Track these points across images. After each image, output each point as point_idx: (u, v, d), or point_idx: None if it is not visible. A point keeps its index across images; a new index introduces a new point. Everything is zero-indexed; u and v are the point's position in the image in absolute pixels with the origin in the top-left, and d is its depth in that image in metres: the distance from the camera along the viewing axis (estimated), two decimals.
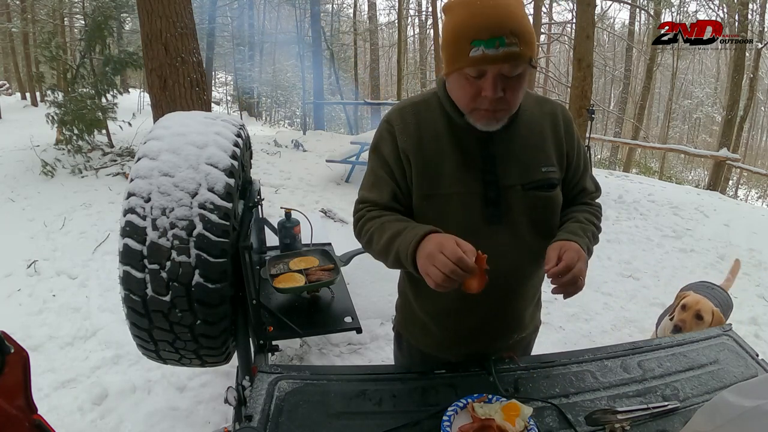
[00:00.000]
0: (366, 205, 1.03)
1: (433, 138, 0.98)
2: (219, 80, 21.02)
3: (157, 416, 2.02)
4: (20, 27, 14.43)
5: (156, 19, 4.33)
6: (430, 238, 0.87)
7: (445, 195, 0.98)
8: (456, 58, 0.85)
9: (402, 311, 1.23)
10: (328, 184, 5.40)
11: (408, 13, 19.79)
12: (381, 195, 1.01)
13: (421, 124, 0.99)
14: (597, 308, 3.15)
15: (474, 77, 0.86)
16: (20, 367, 0.85)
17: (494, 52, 0.81)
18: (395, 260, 0.93)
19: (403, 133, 0.99)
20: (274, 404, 0.94)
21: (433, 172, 0.98)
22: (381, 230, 0.96)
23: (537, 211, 1.00)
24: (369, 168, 1.06)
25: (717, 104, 17.52)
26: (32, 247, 3.54)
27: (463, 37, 0.83)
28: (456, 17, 0.85)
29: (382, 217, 0.99)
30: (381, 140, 1.02)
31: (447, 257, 0.80)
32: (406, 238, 0.90)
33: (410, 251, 0.87)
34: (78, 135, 5.39)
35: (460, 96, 0.92)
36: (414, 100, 1.04)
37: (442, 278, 0.81)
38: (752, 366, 1.12)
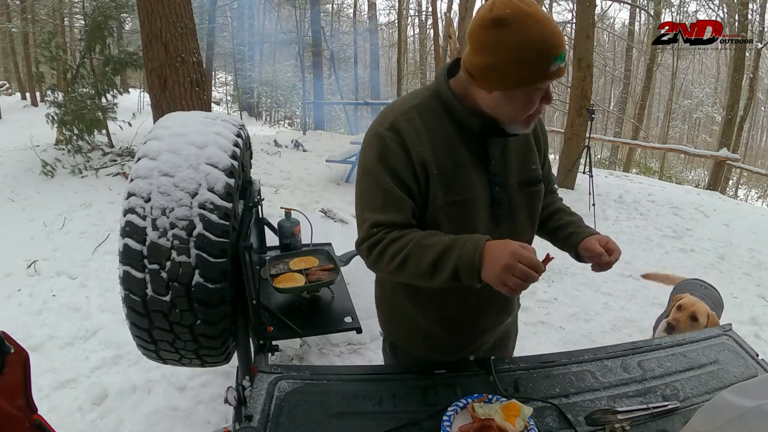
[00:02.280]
0: (383, 229, 0.94)
1: (444, 143, 0.96)
2: (219, 80, 21.01)
3: (157, 416, 2.02)
4: (20, 27, 14.43)
5: (156, 19, 4.33)
6: (492, 247, 0.86)
7: (461, 200, 0.97)
8: (535, 73, 0.84)
9: (396, 323, 1.19)
10: (328, 184, 5.40)
11: (408, 13, 19.80)
12: (400, 214, 0.94)
13: (430, 129, 0.95)
14: (597, 308, 3.15)
15: (539, 89, 0.88)
16: (20, 367, 0.85)
17: (562, 65, 0.85)
18: (450, 276, 0.88)
19: (417, 142, 0.94)
20: (274, 404, 0.94)
21: (450, 177, 0.96)
22: (419, 249, 0.90)
23: (531, 205, 1.07)
24: (372, 184, 0.95)
25: (717, 104, 17.52)
26: (32, 247, 3.54)
27: (545, 53, 0.83)
28: (526, 33, 0.82)
29: (408, 236, 0.92)
30: (387, 151, 0.94)
31: (527, 266, 0.81)
32: (464, 252, 0.87)
33: (475, 265, 0.85)
34: (78, 135, 5.39)
35: (517, 108, 0.90)
36: (412, 104, 0.97)
37: (520, 287, 0.82)
38: (752, 366, 1.12)
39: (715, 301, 2.15)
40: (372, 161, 0.95)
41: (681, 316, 1.89)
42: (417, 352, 1.17)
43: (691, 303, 1.90)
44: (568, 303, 3.18)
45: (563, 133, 6.14)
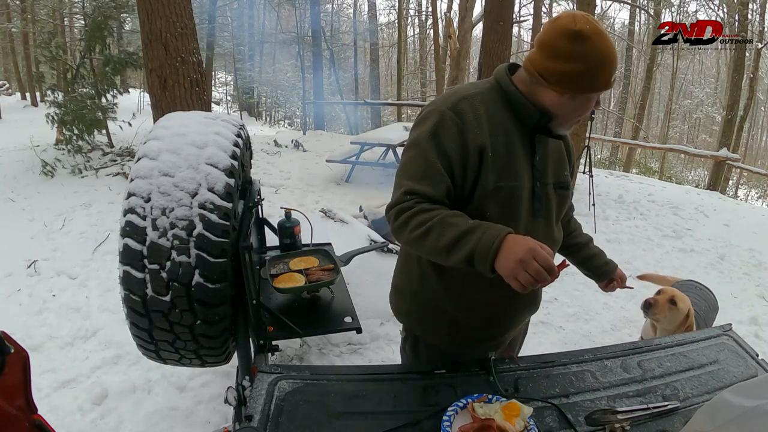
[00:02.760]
0: (415, 198, 0.97)
1: (501, 131, 1.02)
2: (219, 80, 21.00)
3: (157, 416, 2.02)
4: (20, 27, 14.41)
5: (156, 19, 4.33)
6: (512, 240, 0.88)
7: (510, 187, 1.03)
8: (602, 81, 0.98)
9: (421, 313, 1.19)
10: (328, 184, 5.41)
11: (408, 13, 19.78)
12: (435, 189, 0.97)
13: (493, 119, 1.02)
14: (597, 308, 3.15)
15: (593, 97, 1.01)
16: (20, 367, 0.85)
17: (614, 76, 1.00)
18: (465, 259, 0.90)
19: (475, 126, 0.99)
20: (274, 404, 0.94)
21: (501, 166, 1.01)
22: (442, 226, 0.92)
23: (561, 207, 1.16)
24: (418, 155, 1.00)
25: (717, 104, 17.51)
26: (32, 247, 3.54)
27: (612, 66, 0.97)
28: (600, 47, 0.95)
29: (436, 210, 0.95)
30: (442, 129, 0.99)
31: (540, 264, 0.84)
32: (483, 237, 0.89)
33: (492, 253, 0.87)
34: (78, 135, 5.39)
35: (577, 109, 1.02)
36: (474, 92, 1.04)
37: (530, 283, 0.85)
38: (752, 366, 1.12)
39: (708, 303, 2.14)
40: (424, 135, 1.00)
41: (660, 298, 1.87)
42: (440, 345, 1.18)
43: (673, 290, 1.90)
44: (568, 303, 3.18)
45: None
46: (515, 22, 10.13)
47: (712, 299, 2.20)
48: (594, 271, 1.33)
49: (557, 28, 0.95)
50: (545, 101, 1.01)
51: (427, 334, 1.20)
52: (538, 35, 1.00)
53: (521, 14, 14.07)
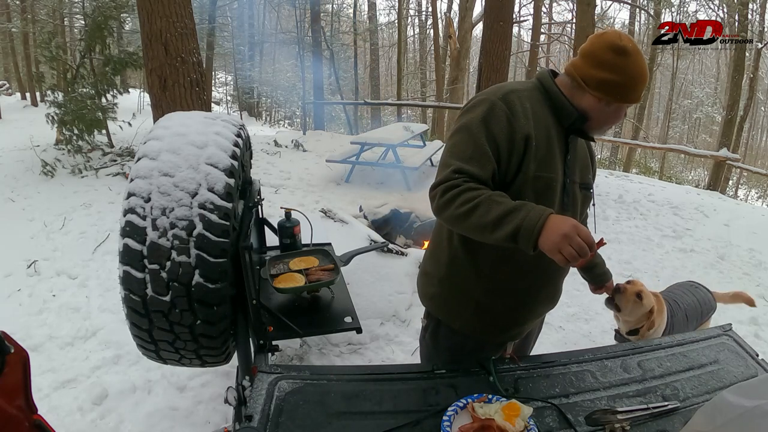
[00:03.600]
0: (463, 176, 1.04)
1: (544, 127, 1.11)
2: (219, 80, 21.00)
3: (157, 416, 2.02)
4: (20, 27, 14.41)
5: (156, 19, 4.33)
6: (555, 219, 0.95)
7: (548, 177, 1.11)
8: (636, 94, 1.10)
9: (448, 296, 1.24)
10: (328, 184, 5.40)
11: (408, 13, 19.77)
12: (482, 170, 1.05)
13: (536, 115, 1.11)
14: (597, 308, 3.14)
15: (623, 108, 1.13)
16: (20, 367, 0.84)
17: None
18: (510, 234, 0.96)
19: (522, 117, 1.08)
20: (274, 404, 0.94)
21: (543, 157, 1.10)
22: (489, 203, 0.98)
23: (584, 206, 1.26)
24: (468, 138, 1.07)
25: (717, 104, 17.50)
26: (32, 247, 3.54)
27: (644, 83, 1.10)
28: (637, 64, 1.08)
29: (483, 189, 1.01)
30: (492, 116, 1.07)
31: (583, 240, 0.92)
32: (529, 215, 0.95)
33: (537, 229, 0.94)
34: (78, 135, 5.38)
35: (609, 117, 1.14)
36: (520, 88, 1.14)
37: (573, 257, 0.92)
38: (752, 366, 1.12)
39: (701, 301, 2.15)
40: (475, 120, 1.08)
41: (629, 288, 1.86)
42: (461, 330, 1.22)
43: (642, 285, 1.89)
44: (568, 303, 3.18)
45: None
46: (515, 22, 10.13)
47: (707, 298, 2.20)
48: (593, 278, 1.56)
49: (604, 41, 1.08)
50: (583, 104, 1.12)
51: (450, 318, 1.24)
52: (584, 45, 1.12)
53: (521, 14, 14.08)
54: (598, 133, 1.20)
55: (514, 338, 1.28)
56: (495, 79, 5.16)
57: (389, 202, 4.27)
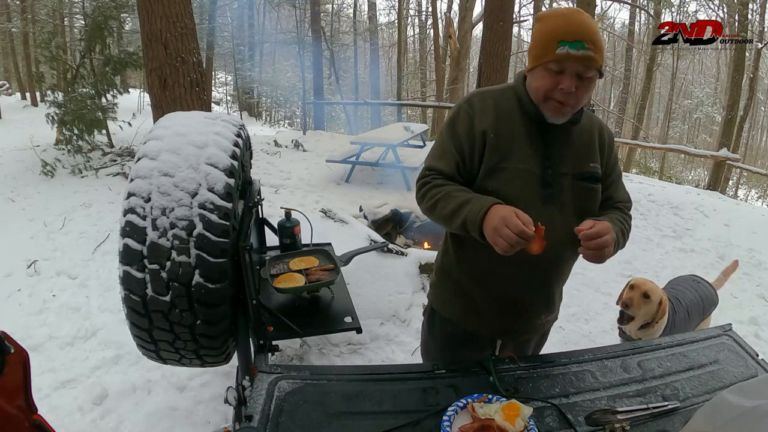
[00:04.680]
0: (432, 173, 1.16)
1: (507, 121, 1.14)
2: (219, 80, 20.99)
3: (157, 416, 2.02)
4: (20, 27, 14.41)
5: (156, 19, 4.33)
6: (494, 210, 1.01)
7: (510, 169, 1.11)
8: (544, 53, 1.05)
9: (442, 285, 1.31)
10: (328, 184, 5.40)
11: (408, 13, 19.76)
12: (447, 165, 1.15)
13: (498, 108, 1.15)
14: (597, 308, 3.15)
15: (555, 72, 1.05)
16: (20, 367, 0.84)
17: (575, 52, 1.02)
18: (461, 226, 1.06)
19: (481, 114, 1.14)
20: (274, 404, 0.94)
21: (504, 148, 1.12)
22: (447, 198, 1.09)
23: (582, 200, 1.16)
24: (439, 140, 1.20)
25: (717, 104, 17.50)
26: (32, 247, 3.54)
27: (553, 38, 1.03)
28: (550, 23, 1.06)
29: (447, 185, 1.12)
30: (457, 118, 1.16)
31: (511, 230, 0.95)
32: (473, 208, 1.03)
33: (477, 221, 1.02)
34: (78, 135, 5.38)
35: (540, 86, 1.08)
36: (492, 89, 1.20)
37: (507, 247, 0.97)
38: (752, 366, 1.12)
39: (702, 296, 2.16)
40: (445, 124, 1.20)
41: (634, 294, 1.94)
42: (453, 319, 1.27)
43: (643, 282, 1.97)
44: (568, 303, 3.17)
45: None
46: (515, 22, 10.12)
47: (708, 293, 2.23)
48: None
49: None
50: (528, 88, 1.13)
51: (443, 307, 1.31)
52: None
53: (521, 14, 14.07)
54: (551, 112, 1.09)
55: (505, 336, 1.28)
56: (495, 79, 5.16)
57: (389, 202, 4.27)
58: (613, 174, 1.24)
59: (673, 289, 2.21)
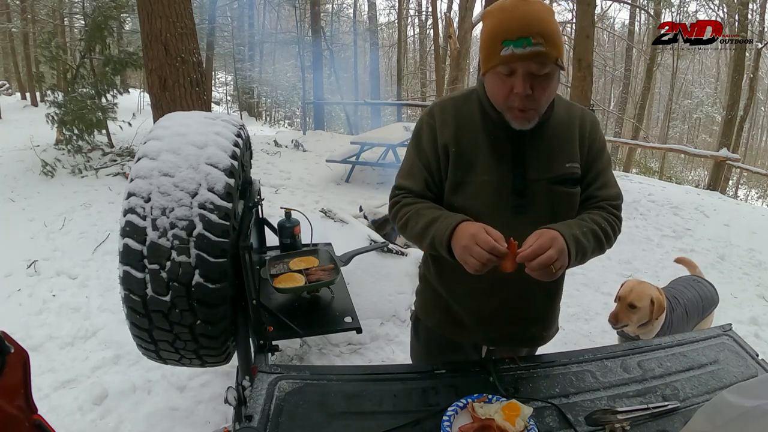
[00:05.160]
0: (402, 192, 1.12)
1: (469, 130, 1.06)
2: (219, 80, 21.00)
3: (157, 416, 2.02)
4: (20, 27, 14.42)
5: (156, 19, 4.33)
6: (462, 228, 0.95)
7: (476, 182, 1.05)
8: (489, 57, 0.95)
9: (423, 294, 1.28)
10: (328, 184, 5.41)
11: (408, 13, 19.78)
12: (415, 182, 1.10)
13: (460, 118, 1.07)
14: (597, 308, 3.15)
15: (506, 75, 0.95)
16: (20, 367, 0.85)
17: (522, 51, 0.91)
18: (430, 245, 1.02)
19: (442, 126, 1.07)
20: (274, 404, 0.94)
21: (468, 161, 1.05)
22: (416, 217, 1.05)
23: (559, 205, 1.06)
24: (407, 156, 1.14)
25: (717, 104, 17.51)
26: (32, 247, 3.54)
27: (497, 38, 0.93)
28: (492, 21, 0.95)
29: (417, 204, 1.07)
30: (421, 132, 1.10)
31: (482, 248, 0.90)
32: (440, 227, 0.99)
33: (445, 241, 0.97)
34: (78, 135, 5.39)
35: (494, 94, 1.00)
36: (454, 96, 1.12)
37: (478, 266, 0.91)
38: (752, 366, 1.11)
39: (702, 296, 2.16)
40: (411, 139, 1.14)
41: (619, 309, 1.94)
42: (437, 329, 1.24)
43: (629, 290, 1.95)
44: (568, 303, 3.18)
45: None
46: None
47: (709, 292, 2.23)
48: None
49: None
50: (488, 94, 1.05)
51: (425, 316, 1.27)
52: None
53: None
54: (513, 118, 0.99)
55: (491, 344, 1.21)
56: None
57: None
58: (594, 168, 1.09)
59: (672, 288, 2.21)
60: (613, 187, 1.12)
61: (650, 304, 1.89)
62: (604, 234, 1.03)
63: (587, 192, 1.09)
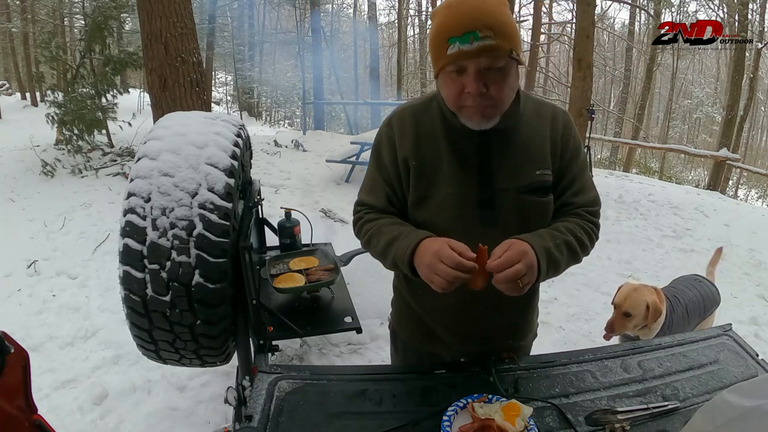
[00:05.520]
0: (364, 208, 1.07)
1: (430, 140, 0.99)
2: (219, 80, 21.01)
3: (157, 416, 2.02)
4: (20, 27, 14.43)
5: (156, 19, 4.33)
6: (424, 245, 0.90)
7: (440, 196, 0.98)
8: (437, 58, 0.89)
9: (397, 309, 1.23)
10: (328, 184, 5.40)
11: (408, 13, 19.78)
12: (377, 198, 1.05)
13: (419, 127, 1.01)
14: (597, 308, 3.15)
15: (456, 74, 0.88)
16: (20, 367, 0.85)
17: (469, 47, 0.84)
18: (393, 264, 0.98)
19: (401, 138, 1.00)
20: (274, 404, 0.94)
21: (430, 173, 0.99)
22: (378, 234, 1.00)
23: (530, 216, 0.99)
24: (368, 170, 1.09)
25: (717, 104, 17.51)
26: (32, 247, 3.54)
27: (443, 37, 0.86)
28: (438, 19, 0.89)
29: (379, 220, 1.02)
30: (381, 144, 1.05)
31: (446, 265, 0.84)
32: (402, 245, 0.93)
33: (407, 259, 0.92)
34: (78, 135, 5.39)
35: (447, 95, 0.92)
36: (413, 104, 1.05)
37: (445, 284, 0.85)
38: (752, 366, 1.11)
39: (703, 295, 2.16)
40: (372, 152, 1.08)
41: (615, 318, 1.94)
42: (413, 344, 1.20)
43: (623, 298, 1.93)
44: (568, 303, 3.18)
45: None
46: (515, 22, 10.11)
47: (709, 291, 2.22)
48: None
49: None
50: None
51: (399, 328, 1.23)
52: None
53: (521, 14, 14.08)
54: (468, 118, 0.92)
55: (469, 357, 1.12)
56: None
57: None
58: (569, 172, 1.02)
59: (673, 288, 2.21)
60: (590, 192, 1.06)
61: (646, 310, 1.87)
62: (579, 244, 0.99)
63: (563, 198, 1.03)
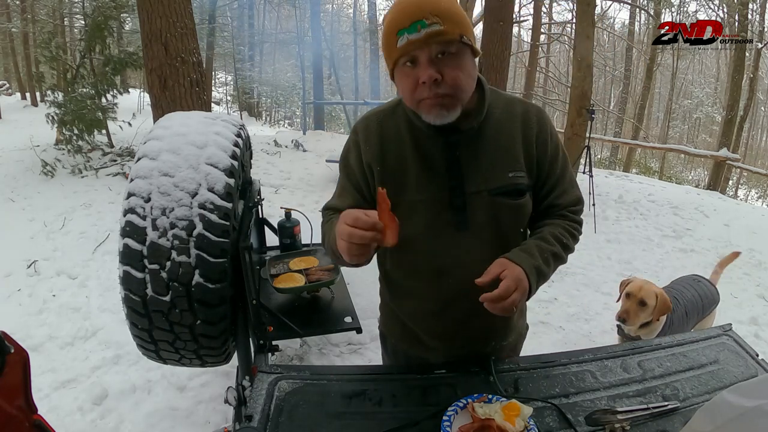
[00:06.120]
0: (330, 212, 1.06)
1: (396, 145, 0.98)
2: (219, 80, 21.00)
3: (157, 416, 2.02)
4: (20, 27, 14.43)
5: (156, 19, 4.33)
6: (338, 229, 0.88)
7: (409, 202, 0.96)
8: (389, 53, 0.88)
9: (384, 312, 1.23)
10: (328, 184, 5.40)
11: None
12: (342, 203, 1.03)
13: (384, 133, 0.99)
14: (597, 308, 3.15)
15: (410, 67, 0.86)
16: (20, 367, 0.85)
17: (417, 35, 0.83)
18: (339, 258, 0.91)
19: (366, 144, 1.00)
20: (274, 404, 0.94)
21: (397, 179, 0.97)
22: (325, 231, 1.02)
23: (503, 219, 0.98)
24: (339, 177, 1.08)
25: (717, 104, 17.50)
26: (32, 247, 3.54)
27: (392, 31, 0.85)
28: (388, 18, 0.87)
29: (332, 220, 1.01)
30: (348, 151, 1.05)
31: (346, 224, 0.79)
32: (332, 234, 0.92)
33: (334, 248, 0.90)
34: (78, 135, 5.39)
35: (403, 90, 0.90)
36: (380, 109, 1.04)
37: (355, 248, 0.79)
38: (752, 366, 1.11)
39: (702, 295, 2.17)
40: (341, 156, 1.07)
41: (630, 305, 1.94)
42: (400, 347, 1.20)
43: (638, 288, 1.95)
44: (568, 303, 3.18)
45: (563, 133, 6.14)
46: (515, 22, 10.13)
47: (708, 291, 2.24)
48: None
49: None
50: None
51: (387, 331, 1.23)
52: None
53: (521, 14, 14.07)
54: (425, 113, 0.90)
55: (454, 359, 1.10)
56: (495, 80, 5.16)
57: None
58: (552, 174, 1.01)
59: (672, 288, 2.22)
60: (574, 191, 1.05)
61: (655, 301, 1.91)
62: (564, 249, 0.99)
63: (547, 201, 1.03)
